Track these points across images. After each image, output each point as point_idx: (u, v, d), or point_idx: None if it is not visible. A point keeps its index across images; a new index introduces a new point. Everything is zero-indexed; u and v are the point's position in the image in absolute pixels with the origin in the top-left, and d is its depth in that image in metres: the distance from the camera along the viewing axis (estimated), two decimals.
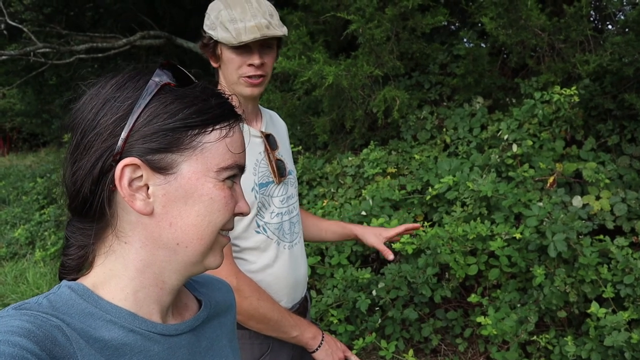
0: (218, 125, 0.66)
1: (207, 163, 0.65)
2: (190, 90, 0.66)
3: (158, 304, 0.69)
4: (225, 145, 0.66)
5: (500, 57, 3.78)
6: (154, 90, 0.63)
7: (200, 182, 0.64)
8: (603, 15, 3.58)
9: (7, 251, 5.44)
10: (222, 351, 0.79)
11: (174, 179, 0.64)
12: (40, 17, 5.83)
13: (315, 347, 1.44)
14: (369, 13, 3.39)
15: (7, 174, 9.65)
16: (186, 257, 0.67)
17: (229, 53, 1.35)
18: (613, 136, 3.07)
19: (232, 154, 0.67)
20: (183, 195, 0.64)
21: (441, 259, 2.50)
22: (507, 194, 2.58)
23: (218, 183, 0.66)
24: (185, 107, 0.64)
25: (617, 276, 2.31)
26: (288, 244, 1.48)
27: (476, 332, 2.73)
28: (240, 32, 1.30)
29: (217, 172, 0.65)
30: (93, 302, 0.63)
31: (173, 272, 0.68)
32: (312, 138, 4.09)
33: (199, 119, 0.64)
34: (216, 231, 0.67)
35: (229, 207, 0.67)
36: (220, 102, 0.67)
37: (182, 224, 0.64)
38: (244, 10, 1.32)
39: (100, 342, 0.61)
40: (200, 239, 0.66)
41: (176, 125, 0.63)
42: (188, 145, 0.64)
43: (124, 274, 0.66)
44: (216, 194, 0.65)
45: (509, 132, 2.90)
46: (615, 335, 2.13)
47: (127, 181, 0.62)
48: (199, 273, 0.70)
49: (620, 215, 2.60)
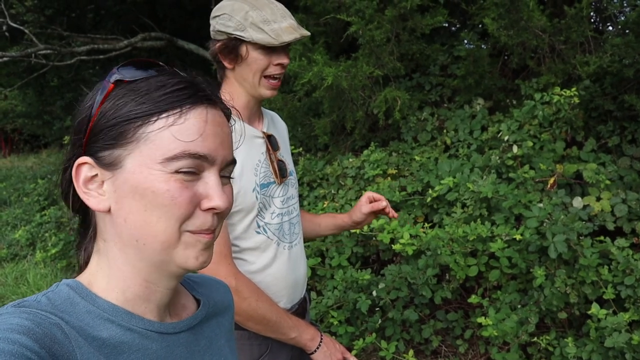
0: (165, 113, 0.62)
1: (151, 155, 0.61)
2: (143, 83, 0.64)
3: (151, 303, 0.69)
4: (171, 133, 0.61)
5: (500, 58, 3.78)
6: (106, 89, 0.64)
7: (143, 175, 0.62)
8: (603, 16, 3.59)
9: (8, 252, 5.44)
10: (221, 350, 0.80)
11: (120, 174, 0.63)
12: (41, 19, 5.84)
13: (313, 349, 1.44)
14: (369, 14, 3.39)
15: (8, 175, 9.66)
16: (150, 254, 0.64)
17: (258, 54, 1.35)
18: (613, 137, 3.07)
19: (181, 143, 0.61)
20: (130, 190, 0.62)
21: (441, 260, 2.50)
22: (507, 195, 2.58)
23: (164, 175, 0.61)
24: (131, 100, 0.63)
25: (617, 277, 2.31)
26: (288, 244, 1.48)
27: (477, 334, 2.73)
28: (279, 33, 1.31)
29: (162, 164, 0.61)
30: (91, 301, 0.64)
31: (149, 270, 0.67)
32: (313, 139, 4.10)
33: (140, 109, 0.62)
34: (172, 227, 0.62)
35: (178, 201, 0.61)
36: (172, 89, 0.63)
37: (134, 219, 0.63)
38: (272, 11, 1.33)
39: (98, 340, 0.61)
40: (153, 236, 0.63)
41: (119, 120, 0.62)
42: (132, 138, 0.62)
43: (110, 273, 0.67)
44: (158, 187, 0.61)
45: (509, 133, 2.90)
46: (616, 337, 2.12)
47: (82, 180, 0.65)
48: (179, 272, 0.67)
49: (620, 216, 2.60)
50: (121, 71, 0.65)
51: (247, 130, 1.42)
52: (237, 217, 1.36)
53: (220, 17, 1.35)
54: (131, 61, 0.66)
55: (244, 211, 1.36)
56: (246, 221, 1.37)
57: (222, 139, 0.66)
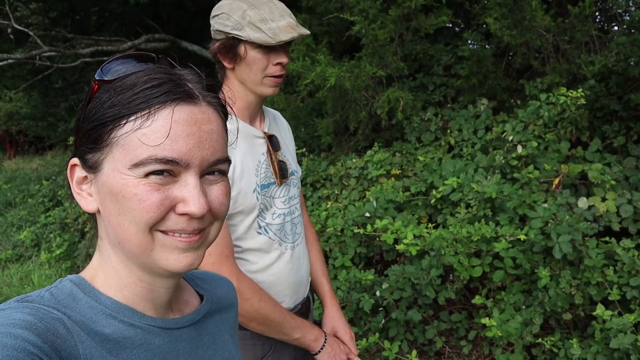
0: (133, 116, 0.60)
1: (122, 159, 0.60)
2: (119, 82, 0.62)
3: (149, 302, 0.69)
4: (137, 138, 0.59)
5: (504, 58, 3.77)
6: (91, 91, 0.64)
7: (115, 179, 0.61)
8: (608, 15, 3.56)
9: (13, 253, 5.46)
10: (225, 345, 0.80)
11: (99, 177, 0.63)
12: (46, 21, 5.87)
13: (317, 349, 1.43)
14: (373, 14, 3.39)
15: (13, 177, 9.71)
16: (132, 256, 0.64)
17: (256, 53, 1.34)
18: (619, 137, 3.05)
19: (147, 147, 0.59)
20: (107, 193, 0.62)
21: (445, 261, 2.49)
22: (511, 196, 2.56)
23: (133, 180, 0.60)
24: (105, 102, 0.61)
25: (623, 278, 2.29)
26: (290, 244, 1.48)
27: (481, 335, 2.72)
28: (276, 32, 1.30)
29: (130, 169, 0.60)
30: (94, 297, 0.65)
31: (139, 270, 0.66)
32: (316, 140, 4.09)
33: (111, 112, 0.60)
34: (142, 230, 0.61)
35: (145, 204, 0.60)
36: (144, 87, 0.60)
37: (113, 221, 0.63)
38: (271, 10, 1.32)
39: (101, 335, 0.61)
40: (128, 238, 0.62)
41: (95, 124, 0.62)
42: (106, 142, 0.61)
43: (107, 270, 0.67)
44: (127, 192, 0.60)
45: (514, 133, 2.89)
46: (621, 338, 2.10)
47: (75, 180, 0.66)
48: (165, 274, 0.66)
49: (626, 216, 2.58)
50: (105, 69, 0.64)
51: (248, 130, 1.41)
52: (237, 218, 1.36)
53: (219, 17, 1.34)
54: (119, 56, 0.65)
55: (244, 212, 1.36)
56: (247, 222, 1.37)
57: (199, 139, 0.61)
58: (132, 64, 0.64)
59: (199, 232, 0.64)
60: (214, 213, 0.65)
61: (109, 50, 5.25)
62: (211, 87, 0.66)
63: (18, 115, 11.61)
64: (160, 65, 0.64)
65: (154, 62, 0.65)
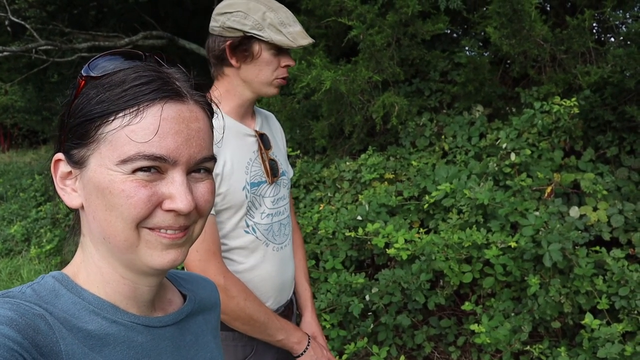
0: (121, 112, 0.60)
1: (109, 155, 0.60)
2: (107, 79, 0.62)
3: (131, 299, 0.68)
4: (126, 134, 0.60)
5: (501, 66, 3.78)
6: (77, 87, 0.64)
7: (102, 175, 0.61)
8: (605, 27, 3.58)
9: (3, 247, 5.43)
10: (207, 346, 0.79)
11: (85, 172, 0.63)
12: (43, 15, 5.84)
13: (300, 352, 1.42)
14: (370, 19, 3.39)
15: (6, 170, 9.66)
16: (117, 252, 0.64)
17: (269, 55, 1.36)
18: (612, 148, 3.06)
19: (136, 144, 0.59)
20: (94, 188, 0.62)
21: (436, 266, 2.49)
22: (503, 203, 2.56)
23: (121, 176, 0.60)
24: (95, 97, 0.62)
25: (612, 288, 2.30)
26: (277, 245, 1.47)
27: (469, 341, 2.71)
28: (295, 37, 1.34)
29: (118, 165, 0.60)
30: (76, 293, 0.64)
31: (122, 267, 0.66)
32: (311, 142, 4.09)
33: (100, 108, 0.61)
34: (129, 226, 0.61)
35: (133, 201, 0.60)
36: (132, 85, 0.61)
37: (99, 217, 0.63)
38: (287, 14, 1.36)
39: (83, 331, 0.61)
40: (114, 234, 0.62)
41: (82, 120, 0.62)
42: (93, 138, 0.62)
43: (89, 267, 0.67)
44: (115, 188, 0.60)
45: (507, 140, 2.89)
46: (609, 347, 2.11)
47: (58, 175, 0.66)
48: (150, 271, 0.66)
49: (617, 226, 2.59)
50: (92, 65, 0.64)
51: (239, 128, 1.41)
52: (225, 214, 1.35)
53: (234, 14, 1.34)
54: (106, 53, 0.65)
55: (232, 209, 1.35)
56: (234, 219, 1.36)
57: (187, 137, 0.62)
58: (120, 61, 0.64)
59: (185, 228, 0.64)
60: (199, 210, 0.65)
61: (106, 45, 5.23)
62: (198, 86, 0.67)
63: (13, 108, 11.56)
64: (149, 63, 0.64)
65: (141, 60, 0.65)
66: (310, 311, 1.63)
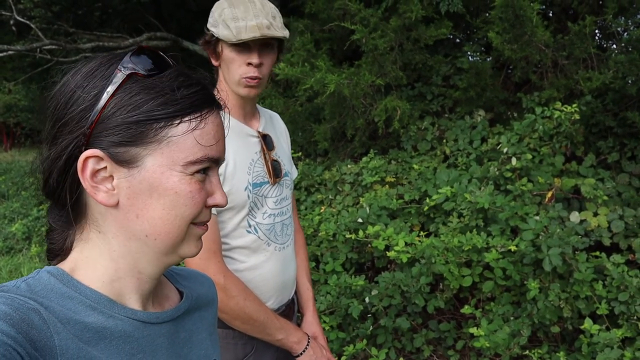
0: (187, 117, 0.63)
1: (173, 157, 0.63)
2: (159, 80, 0.63)
3: (136, 293, 0.69)
4: (194, 138, 0.63)
5: (503, 71, 3.79)
6: (120, 81, 0.62)
7: (165, 176, 0.63)
8: (607, 33, 3.60)
9: (4, 245, 5.43)
10: (202, 344, 0.79)
11: (137, 172, 0.63)
12: (48, 15, 5.87)
13: (299, 352, 1.42)
14: (374, 23, 3.41)
15: (8, 169, 9.67)
16: (157, 248, 0.66)
17: (229, 51, 1.35)
18: (613, 153, 3.07)
19: (202, 147, 0.64)
20: (147, 188, 0.63)
21: (435, 269, 2.49)
22: (504, 207, 2.57)
23: (185, 177, 0.63)
24: (151, 99, 0.62)
25: (612, 293, 2.30)
26: (279, 245, 1.48)
27: (468, 345, 2.71)
28: (240, 30, 1.30)
29: (183, 167, 0.63)
30: (72, 287, 0.63)
31: (147, 262, 0.68)
32: (313, 145, 4.10)
33: (164, 111, 0.62)
34: (186, 224, 0.65)
35: (196, 200, 0.65)
36: (192, 91, 0.64)
37: (149, 216, 0.64)
38: (246, 9, 1.32)
39: (80, 324, 0.60)
40: (168, 232, 0.65)
41: (140, 119, 0.61)
42: (153, 139, 0.62)
43: (99, 263, 0.66)
44: (181, 189, 0.63)
45: (508, 145, 2.90)
46: (608, 353, 2.11)
47: (89, 173, 0.62)
48: (176, 262, 0.69)
49: (617, 232, 2.59)
50: (134, 61, 0.63)
51: (242, 128, 1.42)
52: (227, 214, 1.36)
53: (210, 14, 1.38)
54: (144, 50, 0.64)
55: (234, 209, 1.36)
56: (236, 219, 1.37)
57: (224, 141, 0.69)
58: (159, 64, 0.65)
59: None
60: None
61: (110, 46, 5.26)
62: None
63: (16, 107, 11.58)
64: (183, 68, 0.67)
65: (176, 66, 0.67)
66: (312, 311, 1.63)
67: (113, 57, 0.64)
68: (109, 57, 0.64)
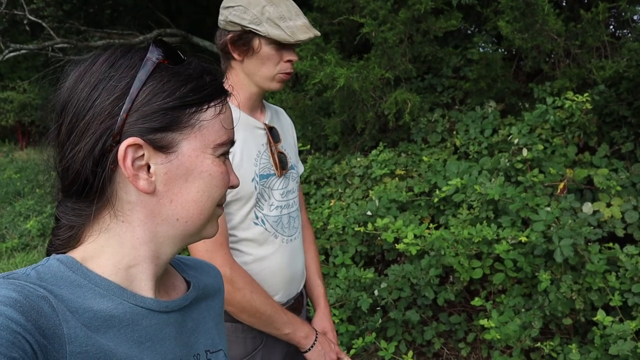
0: (213, 102, 0.68)
1: (205, 140, 0.67)
2: (184, 68, 0.67)
3: (152, 280, 0.69)
4: (220, 121, 0.68)
5: (514, 62, 3.75)
6: (151, 69, 0.63)
7: (199, 159, 0.66)
8: (620, 21, 3.53)
9: (19, 242, 5.51)
10: (208, 333, 0.79)
11: (175, 157, 0.65)
12: (60, 13, 5.93)
13: (307, 347, 1.42)
14: (383, 15, 3.38)
15: (23, 167, 9.80)
16: (185, 230, 0.69)
17: (270, 49, 1.35)
18: (627, 143, 3.02)
19: (227, 130, 0.69)
20: (184, 172, 0.66)
21: (445, 261, 2.48)
22: (514, 198, 2.54)
23: (215, 159, 0.68)
24: (182, 85, 0.65)
25: (625, 284, 2.26)
26: (286, 238, 1.48)
27: (479, 337, 2.70)
28: (294, 31, 1.32)
29: (213, 149, 0.67)
30: (82, 274, 0.63)
31: (169, 246, 0.70)
32: (323, 138, 4.09)
33: (195, 97, 0.65)
34: (214, 205, 0.70)
35: (225, 181, 0.70)
36: (213, 79, 0.69)
37: (183, 200, 0.67)
38: (288, 8, 1.34)
39: (89, 312, 0.60)
40: (200, 214, 0.68)
41: (175, 104, 0.64)
42: (187, 124, 0.65)
43: (118, 251, 0.66)
44: (214, 170, 0.68)
45: (520, 136, 2.87)
46: (621, 345, 2.08)
47: (130, 161, 0.63)
48: (194, 242, 0.74)
49: (631, 223, 2.55)
50: (158, 52, 0.65)
51: (249, 120, 1.42)
52: (234, 206, 1.36)
53: (235, 9, 1.34)
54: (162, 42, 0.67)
55: (241, 200, 1.36)
56: (244, 211, 1.37)
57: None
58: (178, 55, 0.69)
59: None
60: None
61: (121, 43, 5.29)
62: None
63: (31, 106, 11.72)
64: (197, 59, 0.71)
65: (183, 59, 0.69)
66: (323, 307, 1.62)
67: (131, 48, 0.66)
68: (127, 48, 0.66)
